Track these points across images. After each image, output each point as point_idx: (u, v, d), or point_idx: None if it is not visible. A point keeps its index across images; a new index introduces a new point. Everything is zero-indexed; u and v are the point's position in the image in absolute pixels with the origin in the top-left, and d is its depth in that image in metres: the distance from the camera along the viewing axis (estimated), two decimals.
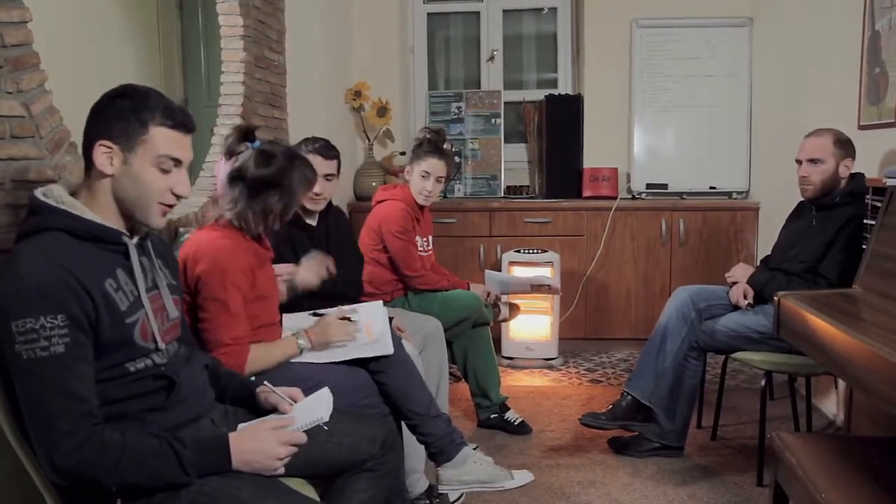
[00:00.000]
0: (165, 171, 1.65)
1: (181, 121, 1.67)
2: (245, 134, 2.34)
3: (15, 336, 1.45)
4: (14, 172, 2.04)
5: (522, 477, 2.81)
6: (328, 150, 2.94)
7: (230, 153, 2.32)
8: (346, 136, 5.04)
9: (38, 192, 1.62)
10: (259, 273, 2.28)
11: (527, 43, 5.67)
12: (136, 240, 1.69)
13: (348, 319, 2.44)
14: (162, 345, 1.67)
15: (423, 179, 3.33)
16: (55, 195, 1.62)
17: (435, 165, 3.32)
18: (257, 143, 2.32)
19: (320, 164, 2.85)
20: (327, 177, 2.90)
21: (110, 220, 1.65)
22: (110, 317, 1.55)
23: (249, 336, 2.22)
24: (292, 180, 2.27)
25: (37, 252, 1.51)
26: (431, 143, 3.35)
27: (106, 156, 1.61)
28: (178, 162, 1.67)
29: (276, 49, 4.09)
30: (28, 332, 1.45)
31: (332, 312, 2.47)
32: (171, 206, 1.70)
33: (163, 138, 1.64)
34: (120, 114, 1.61)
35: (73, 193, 1.67)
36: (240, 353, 2.17)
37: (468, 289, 3.48)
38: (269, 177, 2.24)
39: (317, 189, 2.80)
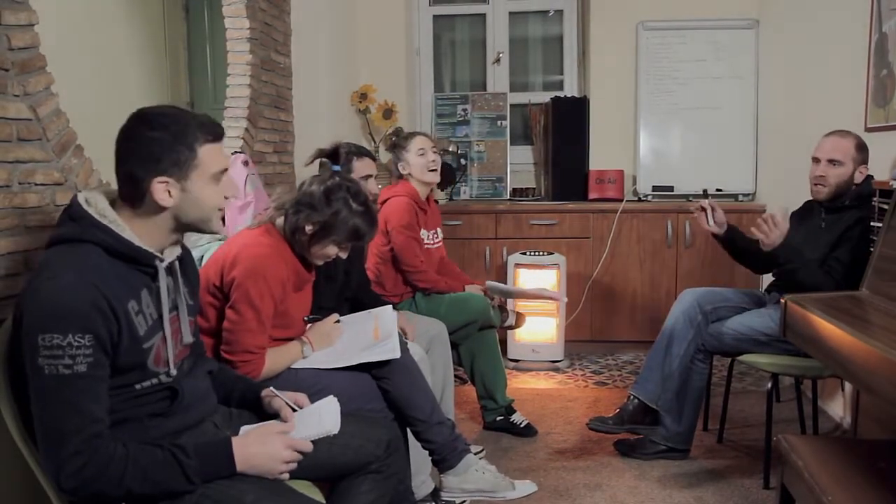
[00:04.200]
0: (218, 182, 1.68)
1: (217, 131, 1.68)
2: (331, 154, 2.47)
3: (40, 349, 1.45)
4: (21, 175, 2.05)
5: (525, 487, 2.79)
6: (369, 150, 3.17)
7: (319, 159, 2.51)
8: (352, 139, 5.01)
9: (82, 198, 1.61)
10: (292, 294, 2.29)
11: (533, 45, 5.67)
12: (166, 262, 1.68)
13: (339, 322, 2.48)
14: (173, 371, 1.68)
15: (423, 156, 3.41)
16: (98, 206, 1.61)
17: (423, 141, 3.43)
18: (337, 167, 2.37)
19: (370, 166, 3.08)
20: (370, 178, 3.07)
21: (149, 239, 1.64)
22: (129, 340, 1.55)
23: (268, 345, 2.23)
24: (338, 223, 2.26)
25: (71, 267, 1.51)
26: (400, 133, 3.50)
27: (164, 190, 1.61)
28: (225, 171, 1.70)
29: (281, 51, 4.10)
30: (54, 347, 1.45)
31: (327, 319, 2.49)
32: (224, 209, 1.73)
33: (210, 156, 1.65)
34: (164, 147, 1.60)
35: (113, 202, 1.66)
36: (258, 363, 2.18)
37: (464, 290, 3.47)
38: (315, 202, 2.25)
39: (375, 190, 3.08)
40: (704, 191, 3.25)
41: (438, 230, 3.58)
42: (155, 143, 1.60)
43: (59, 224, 1.61)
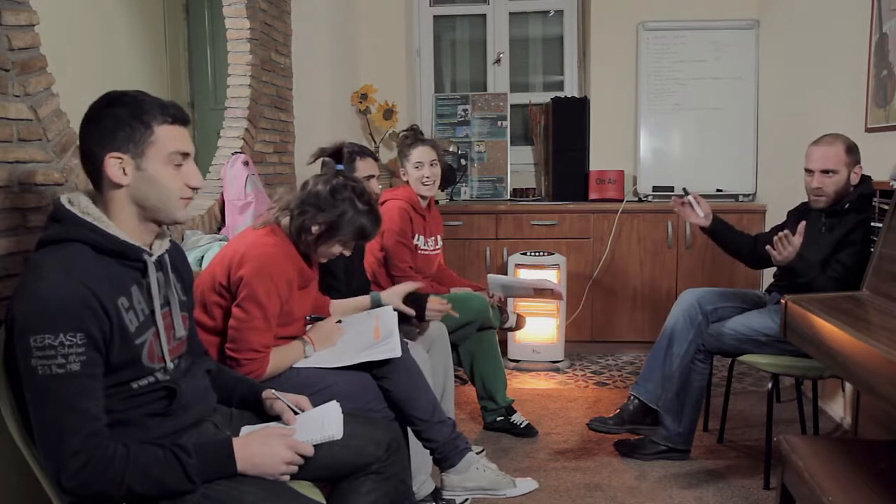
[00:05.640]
0: (178, 167, 1.65)
1: (178, 115, 1.66)
2: (335, 153, 2.45)
3: (32, 350, 1.45)
4: (21, 175, 2.05)
5: (526, 485, 2.81)
6: (371, 150, 3.14)
7: (321, 158, 2.49)
8: (353, 139, 5.00)
9: (64, 199, 1.61)
10: (296, 292, 2.30)
11: (533, 45, 5.67)
12: (155, 256, 1.68)
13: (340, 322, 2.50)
14: (170, 365, 1.68)
15: (418, 169, 3.40)
16: (81, 205, 1.61)
17: (421, 152, 3.40)
18: (340, 166, 2.37)
19: (372, 166, 3.05)
20: (372, 178, 3.04)
21: (131, 232, 1.64)
22: (120, 337, 1.55)
23: (273, 344, 2.23)
24: (344, 222, 2.26)
25: (59, 266, 1.51)
26: (409, 138, 3.46)
27: (118, 167, 1.60)
28: (186, 155, 1.67)
29: (282, 52, 4.11)
30: (46, 347, 1.44)
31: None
32: (190, 199, 1.71)
33: (168, 135, 1.63)
34: (120, 122, 1.59)
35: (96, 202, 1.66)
36: (263, 362, 2.19)
37: (449, 292, 3.48)
38: (321, 202, 2.25)
39: (376, 190, 3.03)
40: (684, 189, 3.25)
41: (438, 237, 3.58)
42: (110, 119, 1.59)
43: (45, 227, 1.61)
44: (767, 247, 2.83)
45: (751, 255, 3.20)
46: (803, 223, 2.83)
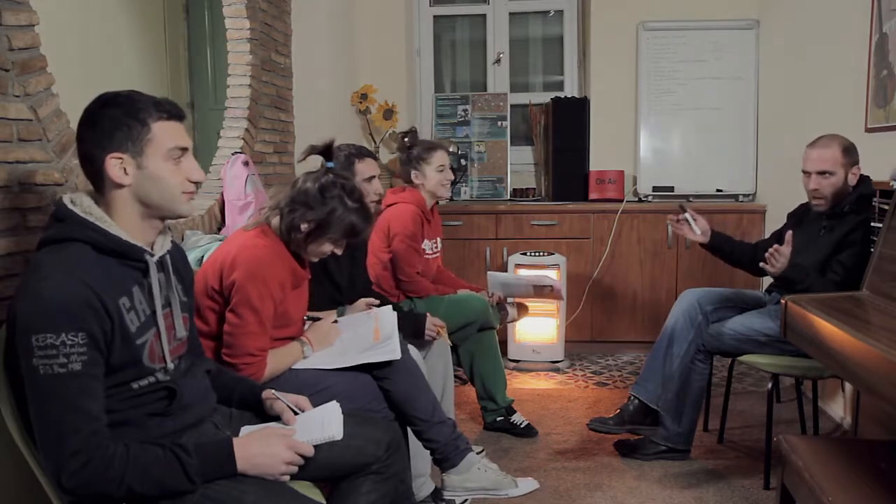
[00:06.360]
0: (177, 162, 1.66)
1: (173, 110, 1.67)
2: (324, 150, 2.40)
3: (34, 350, 1.45)
4: (21, 175, 2.05)
5: (527, 485, 2.81)
6: (370, 151, 3.12)
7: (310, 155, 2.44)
8: (353, 139, 5.04)
9: (66, 199, 1.62)
10: (290, 293, 2.29)
11: (533, 45, 5.67)
12: (157, 257, 1.69)
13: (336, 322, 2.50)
14: (171, 365, 1.68)
15: (441, 172, 3.41)
16: (83, 205, 1.61)
17: (443, 156, 3.43)
18: (331, 164, 2.36)
19: (372, 167, 3.01)
20: (374, 178, 3.03)
21: (134, 232, 1.64)
22: (121, 338, 1.55)
23: (270, 346, 2.23)
24: (334, 220, 2.24)
25: (61, 266, 1.51)
26: (425, 141, 3.46)
27: (119, 167, 1.60)
28: (184, 150, 1.68)
29: (282, 52, 4.11)
30: (48, 347, 1.44)
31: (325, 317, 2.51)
32: (193, 193, 1.71)
33: (165, 131, 1.64)
34: (116, 123, 1.59)
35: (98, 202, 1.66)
36: (260, 365, 2.18)
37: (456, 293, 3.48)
38: (310, 200, 2.24)
39: (379, 190, 3.01)
40: (681, 205, 3.25)
41: (439, 240, 3.59)
42: (107, 119, 1.60)
43: (47, 226, 1.61)
44: (761, 264, 2.85)
45: (752, 263, 3.19)
46: (790, 232, 2.84)
